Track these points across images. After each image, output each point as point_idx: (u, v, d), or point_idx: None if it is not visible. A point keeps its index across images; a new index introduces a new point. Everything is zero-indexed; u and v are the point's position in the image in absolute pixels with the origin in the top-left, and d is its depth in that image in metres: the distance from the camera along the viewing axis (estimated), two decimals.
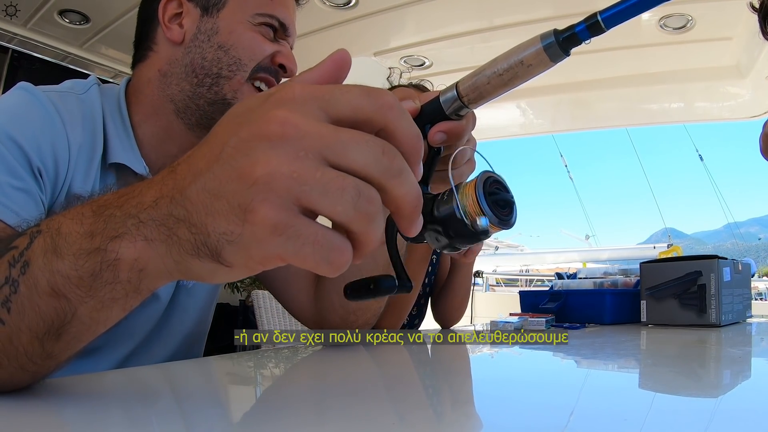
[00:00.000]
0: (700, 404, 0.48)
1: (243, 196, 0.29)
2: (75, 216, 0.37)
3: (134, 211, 0.34)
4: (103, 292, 0.35)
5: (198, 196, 0.31)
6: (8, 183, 0.61)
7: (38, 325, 0.36)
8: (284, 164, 0.29)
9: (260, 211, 0.29)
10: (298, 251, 0.30)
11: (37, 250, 0.36)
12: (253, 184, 0.29)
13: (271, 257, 0.30)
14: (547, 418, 0.42)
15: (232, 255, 0.31)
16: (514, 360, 0.85)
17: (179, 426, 0.38)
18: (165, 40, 0.76)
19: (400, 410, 0.44)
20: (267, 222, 0.29)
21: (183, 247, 0.32)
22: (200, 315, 0.87)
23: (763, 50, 2.32)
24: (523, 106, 3.33)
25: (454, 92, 0.48)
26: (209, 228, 0.31)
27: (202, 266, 0.32)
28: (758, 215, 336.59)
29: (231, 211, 0.30)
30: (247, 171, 0.29)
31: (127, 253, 0.34)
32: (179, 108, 0.76)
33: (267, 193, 0.29)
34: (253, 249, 0.30)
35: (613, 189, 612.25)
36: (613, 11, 0.40)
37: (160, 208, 0.33)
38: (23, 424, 0.36)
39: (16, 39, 2.55)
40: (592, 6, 0.41)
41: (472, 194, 0.44)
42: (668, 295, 1.18)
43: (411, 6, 2.26)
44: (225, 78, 0.74)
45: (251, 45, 0.75)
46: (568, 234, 57.80)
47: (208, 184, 0.31)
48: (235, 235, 0.30)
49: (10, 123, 0.64)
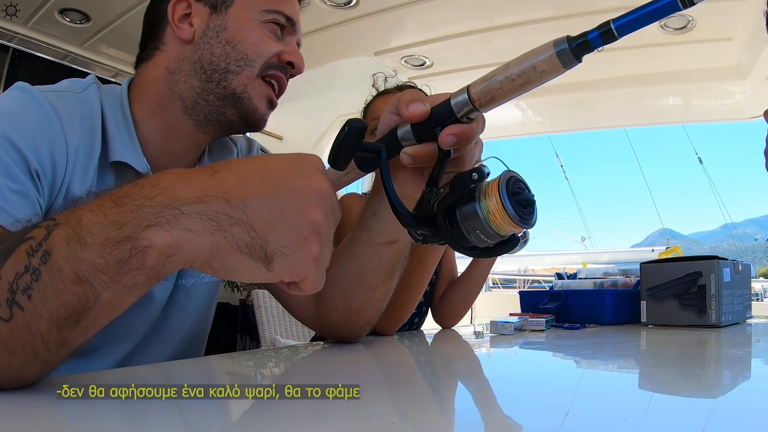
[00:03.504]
0: (699, 405, 0.48)
1: (304, 229, 0.41)
2: (95, 208, 0.40)
3: (172, 203, 0.39)
4: (127, 277, 0.38)
5: (259, 210, 0.40)
6: (5, 185, 0.60)
7: (59, 311, 0.38)
8: (327, 224, 0.42)
9: (314, 245, 0.41)
10: (315, 278, 0.42)
11: (59, 240, 0.39)
12: (312, 224, 0.41)
13: (302, 275, 0.41)
14: (547, 418, 0.42)
15: (281, 263, 0.40)
16: (513, 360, 0.85)
17: (178, 425, 0.38)
18: (174, 39, 0.77)
19: (400, 410, 0.44)
20: (315, 254, 0.41)
21: (236, 244, 0.39)
22: (199, 315, 0.87)
23: (763, 51, 2.32)
24: (523, 107, 3.33)
25: (465, 96, 0.48)
26: (269, 238, 0.40)
27: (245, 262, 0.40)
28: (755, 216, 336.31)
29: (291, 234, 0.40)
30: (308, 212, 0.41)
31: (160, 240, 0.38)
32: (187, 105, 0.76)
33: (320, 235, 0.41)
34: (297, 265, 0.41)
35: (609, 190, 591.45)
36: (626, 20, 0.41)
37: (209, 205, 0.39)
38: (22, 423, 0.36)
39: (16, 38, 2.55)
40: (591, 7, 0.41)
41: (496, 194, 0.44)
42: (668, 296, 1.18)
43: (412, 6, 2.26)
44: (233, 73, 0.75)
45: (258, 42, 0.75)
46: (564, 236, 57.92)
47: (272, 206, 0.40)
48: (290, 251, 0.40)
49: (8, 124, 0.63)
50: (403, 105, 0.52)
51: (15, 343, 0.39)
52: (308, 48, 2.60)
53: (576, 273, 1.64)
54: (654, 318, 1.20)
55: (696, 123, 3.38)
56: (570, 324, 1.21)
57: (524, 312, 1.34)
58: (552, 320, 1.20)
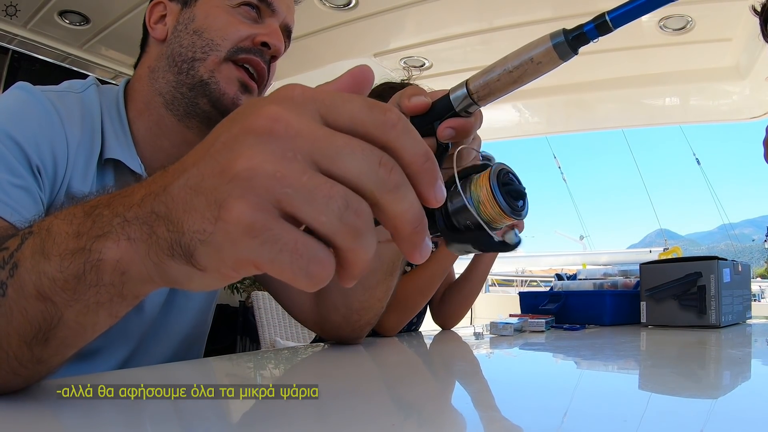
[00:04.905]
0: (699, 405, 0.48)
1: (220, 192, 0.27)
2: (66, 216, 0.35)
3: (121, 210, 0.33)
4: (87, 295, 0.34)
5: (179, 192, 0.29)
6: (7, 180, 0.61)
7: (26, 330, 0.35)
8: (269, 162, 0.26)
9: (235, 208, 0.26)
10: (274, 258, 0.27)
11: (27, 252, 0.35)
12: (231, 179, 0.27)
13: (244, 261, 0.27)
14: (547, 419, 0.42)
15: (204, 256, 0.29)
16: (513, 361, 0.85)
17: (177, 427, 0.38)
18: (153, 40, 0.80)
19: (400, 410, 0.44)
20: (241, 220, 0.26)
21: (160, 247, 0.30)
22: (198, 316, 0.87)
23: (762, 51, 2.32)
24: (522, 108, 3.33)
25: (464, 89, 0.49)
26: (185, 226, 0.29)
27: (178, 269, 0.30)
28: (752, 216, 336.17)
29: (207, 208, 0.28)
30: (229, 165, 0.27)
31: (110, 253, 0.32)
32: (167, 100, 0.77)
33: (245, 190, 0.26)
34: (225, 250, 0.27)
35: (607, 190, 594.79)
36: (620, 11, 0.41)
37: (144, 206, 0.31)
38: (21, 425, 0.36)
39: (16, 40, 2.55)
40: (591, 7, 0.41)
41: (486, 185, 0.45)
42: (668, 296, 1.18)
43: (411, 7, 2.26)
44: (199, 60, 0.74)
45: (224, 26, 0.75)
46: (562, 235, 57.78)
47: (191, 180, 0.29)
48: (207, 234, 0.28)
49: (9, 122, 0.64)
50: (404, 98, 0.52)
51: None
52: (308, 50, 2.59)
53: (576, 274, 1.64)
54: (654, 319, 1.20)
55: (695, 123, 3.38)
56: (570, 325, 1.21)
57: (524, 313, 1.34)
58: (552, 321, 1.20)
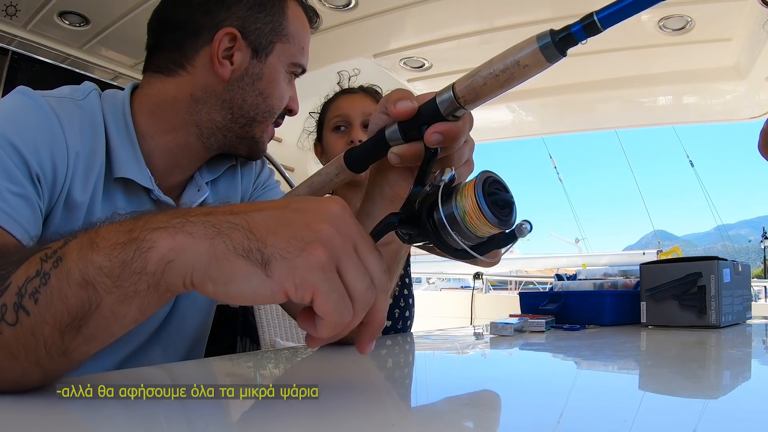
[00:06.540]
0: (699, 405, 0.48)
1: (308, 236, 0.38)
2: (113, 221, 0.42)
3: (182, 213, 0.40)
4: (128, 282, 0.38)
5: (262, 219, 0.39)
6: (7, 188, 0.60)
7: (62, 316, 0.38)
8: (337, 237, 0.39)
9: (318, 250, 0.37)
10: (328, 293, 0.37)
11: (73, 247, 0.40)
12: (317, 232, 0.38)
13: (306, 284, 0.37)
14: (546, 419, 0.42)
15: (279, 267, 0.37)
16: (512, 361, 0.85)
17: (179, 426, 0.38)
18: (208, 69, 0.76)
19: (400, 410, 0.44)
20: (320, 259, 0.37)
21: (234, 247, 0.37)
22: (200, 318, 0.87)
23: (762, 51, 2.32)
24: (517, 109, 3.32)
25: (450, 93, 0.48)
26: (268, 241, 0.38)
27: (244, 266, 0.37)
28: (748, 217, 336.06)
29: (293, 239, 0.38)
30: (314, 223, 0.39)
31: (163, 243, 0.38)
32: (203, 133, 0.79)
33: (326, 244, 0.38)
34: (299, 271, 0.37)
35: (602, 192, 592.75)
36: (609, 11, 0.40)
37: (215, 216, 0.39)
38: (21, 425, 0.36)
39: (15, 41, 2.55)
40: (592, 7, 0.41)
41: (472, 195, 0.44)
42: (668, 297, 1.18)
43: (411, 7, 2.26)
44: (258, 122, 0.80)
45: (282, 95, 0.81)
46: (557, 238, 57.61)
47: (276, 216, 0.39)
48: (292, 255, 0.37)
49: (10, 128, 0.64)
50: (390, 103, 0.51)
51: (19, 348, 0.39)
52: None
53: (575, 274, 1.64)
54: (654, 319, 1.20)
55: (695, 123, 3.38)
56: (570, 325, 1.21)
57: (524, 313, 1.34)
58: (552, 321, 1.19)
